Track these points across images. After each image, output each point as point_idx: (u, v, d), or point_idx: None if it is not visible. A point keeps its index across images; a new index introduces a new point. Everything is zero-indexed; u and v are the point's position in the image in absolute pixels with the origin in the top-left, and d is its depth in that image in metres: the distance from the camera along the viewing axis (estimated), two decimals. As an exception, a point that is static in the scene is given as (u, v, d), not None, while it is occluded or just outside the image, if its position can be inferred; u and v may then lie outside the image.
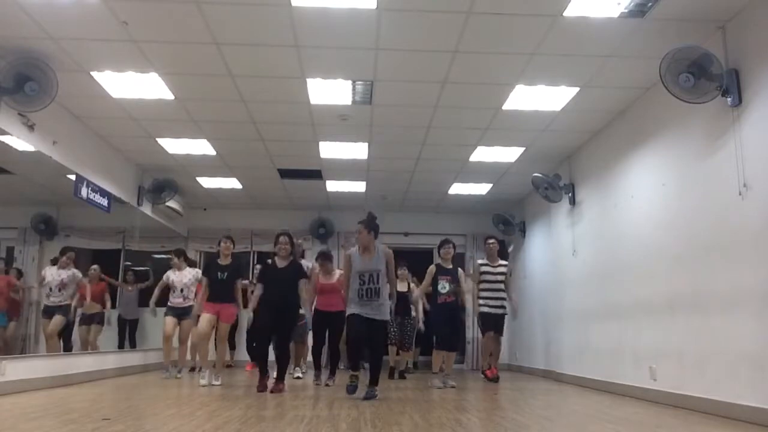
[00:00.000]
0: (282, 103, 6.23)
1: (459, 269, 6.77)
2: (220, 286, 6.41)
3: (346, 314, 5.34)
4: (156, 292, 7.51)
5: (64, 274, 6.69)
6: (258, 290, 5.97)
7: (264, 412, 4.30)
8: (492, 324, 7.26)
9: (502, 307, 7.27)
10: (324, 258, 6.86)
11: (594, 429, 3.86)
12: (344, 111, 6.39)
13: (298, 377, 7.37)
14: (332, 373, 6.78)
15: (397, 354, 8.13)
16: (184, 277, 7.37)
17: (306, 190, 9.70)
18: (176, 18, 4.59)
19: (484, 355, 7.60)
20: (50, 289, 6.60)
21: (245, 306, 7.74)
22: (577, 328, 7.40)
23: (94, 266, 7.75)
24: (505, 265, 7.31)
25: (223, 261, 6.48)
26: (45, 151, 6.03)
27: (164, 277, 7.47)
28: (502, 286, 7.29)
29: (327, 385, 6.50)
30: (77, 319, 7.45)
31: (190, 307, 7.33)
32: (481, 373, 7.53)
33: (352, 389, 5.24)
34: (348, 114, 6.47)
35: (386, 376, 7.82)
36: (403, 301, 8.02)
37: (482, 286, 7.35)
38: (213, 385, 6.23)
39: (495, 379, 7.29)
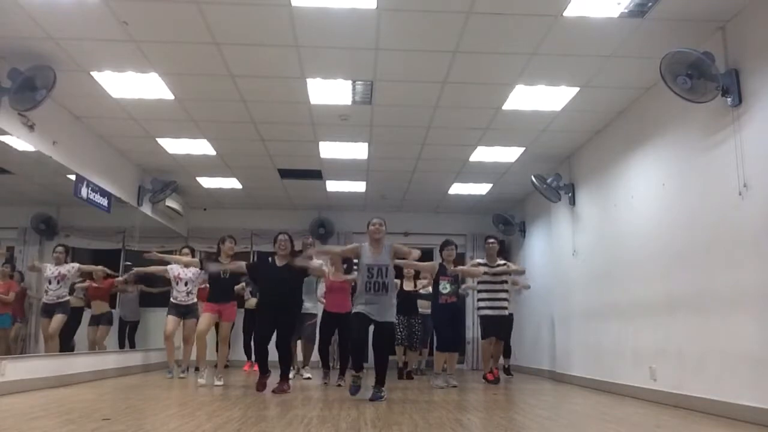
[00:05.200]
0: (282, 103, 6.23)
1: (458, 268, 6.75)
2: (222, 285, 6.43)
3: (352, 312, 5.34)
4: (152, 268, 7.43)
5: (63, 268, 6.68)
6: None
7: (264, 412, 4.30)
8: (493, 329, 7.24)
9: (503, 308, 7.25)
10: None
11: (594, 429, 3.87)
12: (344, 111, 6.39)
13: (308, 378, 7.35)
14: (342, 373, 6.76)
15: (405, 354, 8.12)
16: (189, 272, 7.28)
17: (306, 190, 9.70)
18: (176, 18, 4.59)
19: (484, 359, 7.60)
20: (49, 282, 6.58)
21: (240, 306, 7.73)
22: (577, 328, 7.40)
23: (100, 266, 7.76)
24: (503, 264, 7.32)
25: (224, 260, 6.48)
26: (45, 151, 6.02)
27: (168, 267, 7.33)
28: (504, 286, 7.29)
29: (339, 385, 6.48)
30: (85, 319, 7.46)
31: (194, 304, 7.32)
32: (483, 378, 7.53)
33: (355, 390, 5.23)
34: (348, 114, 6.47)
35: (395, 376, 7.81)
36: (409, 301, 8.02)
37: (481, 287, 7.35)
38: (216, 385, 6.23)
39: (496, 382, 7.28)
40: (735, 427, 3.94)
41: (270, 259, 6.00)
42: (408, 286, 8.11)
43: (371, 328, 5.31)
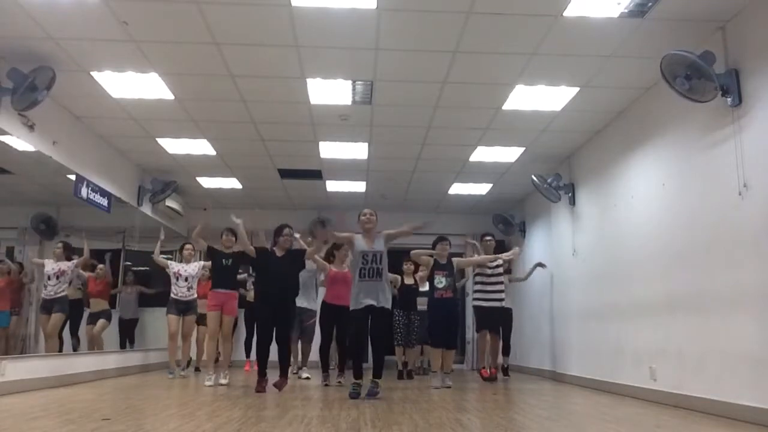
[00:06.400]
0: (282, 103, 6.23)
1: (453, 259, 6.72)
2: (225, 273, 6.54)
3: (350, 309, 5.37)
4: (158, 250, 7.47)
5: (63, 264, 6.68)
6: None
7: (264, 412, 4.30)
8: (486, 321, 7.28)
9: (499, 300, 7.30)
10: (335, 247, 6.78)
11: (594, 429, 3.86)
12: (344, 111, 6.39)
13: (307, 377, 7.35)
14: (341, 372, 6.75)
15: (404, 353, 8.12)
16: (189, 268, 7.34)
17: (306, 190, 9.70)
18: (176, 18, 4.59)
19: (480, 354, 7.62)
20: (48, 278, 6.58)
21: (241, 305, 7.74)
22: (577, 328, 7.40)
23: (101, 265, 7.79)
24: (501, 265, 7.37)
25: (226, 250, 6.56)
26: (45, 151, 6.02)
27: (169, 263, 7.37)
28: (499, 278, 7.37)
29: (339, 383, 6.48)
30: (85, 315, 7.48)
31: (194, 300, 7.35)
32: (478, 372, 7.54)
33: (355, 395, 5.24)
34: (348, 114, 6.47)
35: (395, 376, 7.81)
36: (408, 295, 8.04)
37: (477, 279, 7.41)
38: (221, 384, 6.23)
39: (491, 379, 7.28)
40: (735, 427, 3.94)
41: (270, 249, 6.02)
42: (408, 280, 8.14)
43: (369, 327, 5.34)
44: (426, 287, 7.97)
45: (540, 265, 8.26)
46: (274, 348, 5.82)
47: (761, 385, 3.99)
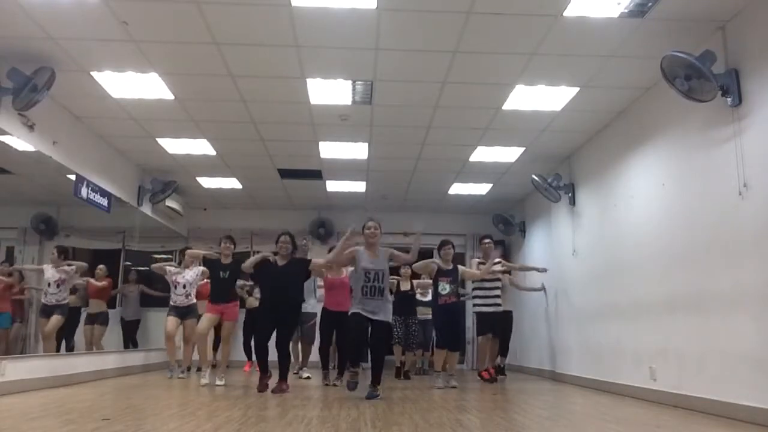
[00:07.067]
0: (282, 103, 6.23)
1: (458, 267, 6.76)
2: (222, 285, 6.47)
3: (349, 312, 5.38)
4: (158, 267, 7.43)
5: (63, 272, 6.66)
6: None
7: (264, 412, 4.31)
8: (488, 325, 7.32)
9: (497, 305, 7.38)
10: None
11: (594, 429, 3.87)
12: (344, 111, 6.39)
13: (307, 377, 7.36)
14: (340, 373, 6.79)
15: (403, 354, 8.13)
16: (187, 275, 7.30)
17: (306, 190, 9.70)
18: (176, 18, 4.59)
19: (480, 356, 7.65)
20: (48, 285, 6.57)
21: (242, 306, 7.75)
22: (577, 328, 7.40)
23: (101, 266, 7.78)
24: (499, 262, 7.40)
25: (224, 260, 6.50)
26: (45, 151, 6.02)
27: (167, 269, 7.35)
28: (498, 284, 7.39)
29: (335, 384, 6.50)
30: (82, 319, 7.48)
31: (193, 305, 7.35)
32: (478, 375, 7.57)
33: (353, 385, 5.28)
34: (348, 114, 6.47)
35: (392, 375, 7.82)
36: (406, 301, 8.05)
37: (476, 284, 7.44)
38: (217, 385, 6.23)
39: (491, 380, 7.30)
40: (735, 427, 3.94)
41: (272, 258, 6.01)
42: (405, 286, 8.14)
43: (369, 329, 5.34)
44: (427, 297, 7.98)
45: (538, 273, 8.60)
46: (272, 347, 5.81)
47: (761, 385, 3.99)
